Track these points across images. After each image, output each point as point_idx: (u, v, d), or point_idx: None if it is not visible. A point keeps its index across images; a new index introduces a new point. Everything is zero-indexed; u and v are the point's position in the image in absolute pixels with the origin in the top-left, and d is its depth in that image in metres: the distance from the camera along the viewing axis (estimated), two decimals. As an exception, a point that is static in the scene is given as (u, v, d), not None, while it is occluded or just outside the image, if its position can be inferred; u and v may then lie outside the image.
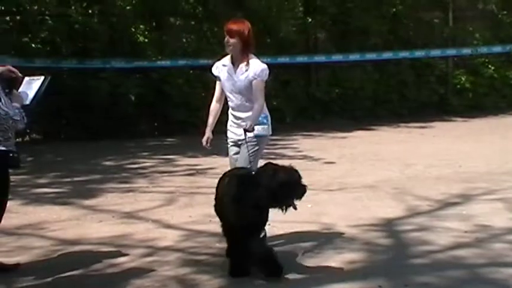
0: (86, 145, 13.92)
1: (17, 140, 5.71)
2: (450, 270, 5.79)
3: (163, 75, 16.22)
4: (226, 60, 6.24)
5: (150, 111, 16.16)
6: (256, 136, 6.12)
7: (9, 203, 5.70)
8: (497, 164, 11.00)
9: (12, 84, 5.60)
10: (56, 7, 15.76)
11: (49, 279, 5.77)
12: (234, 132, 6.42)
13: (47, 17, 15.77)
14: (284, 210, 5.51)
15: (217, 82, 6.37)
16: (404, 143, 13.82)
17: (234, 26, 6.15)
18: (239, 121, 6.27)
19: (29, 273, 5.88)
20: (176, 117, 16.07)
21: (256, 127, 6.02)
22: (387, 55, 18.37)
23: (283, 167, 5.56)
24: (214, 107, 6.49)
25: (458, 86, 19.32)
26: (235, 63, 6.18)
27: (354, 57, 17.98)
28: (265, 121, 6.20)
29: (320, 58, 18.09)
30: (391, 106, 18.55)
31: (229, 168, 6.32)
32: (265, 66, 6.17)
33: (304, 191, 5.48)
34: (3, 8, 15.01)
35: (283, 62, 17.22)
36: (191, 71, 16.87)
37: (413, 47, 18.89)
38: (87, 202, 8.82)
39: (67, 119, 15.00)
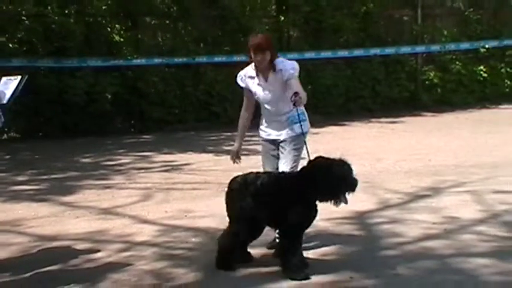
0: (63, 143, 13.86)
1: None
2: (420, 261, 5.86)
3: (139, 74, 16.17)
4: (251, 71, 6.17)
5: (126, 109, 16.11)
6: (304, 133, 6.07)
7: (-13, 201, 5.68)
8: (465, 157, 11.10)
9: None
10: (33, 7, 15.67)
11: (27, 275, 5.75)
12: (273, 130, 6.30)
13: (23, 17, 15.64)
14: (337, 204, 5.50)
15: (245, 92, 6.29)
16: (376, 138, 13.89)
17: (261, 41, 6.02)
18: (278, 118, 6.17)
19: (7, 269, 5.86)
20: (152, 115, 16.04)
21: (298, 126, 5.99)
22: (359, 52, 18.42)
23: (335, 160, 5.49)
24: (243, 115, 6.44)
25: (428, 82, 19.44)
26: (262, 73, 6.11)
27: (326, 54, 18.02)
28: (304, 118, 6.11)
29: (293, 55, 18.09)
30: (363, 102, 18.61)
31: (255, 169, 6.15)
32: (293, 62, 6.13)
33: (356, 184, 5.43)
34: (-21, 8, 14.94)
35: (257, 59, 17.20)
36: (166, 69, 16.82)
37: (383, 44, 18.98)
38: (65, 199, 8.79)
39: (45, 117, 14.91)
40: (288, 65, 6.05)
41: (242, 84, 6.27)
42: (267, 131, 6.37)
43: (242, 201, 5.61)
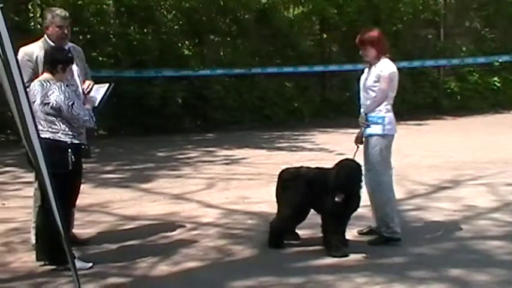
0: (142, 139, 14.00)
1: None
2: (442, 243, 5.80)
3: (204, 82, 16.23)
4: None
5: (193, 111, 16.17)
6: (369, 135, 5.76)
7: (82, 186, 5.78)
8: (481, 154, 10.88)
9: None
10: (118, 27, 15.92)
11: (114, 247, 5.85)
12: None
13: (111, 36, 15.90)
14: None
15: None
16: (403, 138, 13.53)
17: (364, 36, 5.85)
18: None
19: (97, 242, 5.97)
20: (214, 117, 16.07)
21: (371, 126, 5.73)
22: (389, 65, 18.23)
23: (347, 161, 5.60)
24: None
25: (448, 90, 19.10)
26: (370, 67, 5.87)
27: (361, 66, 17.71)
28: (380, 121, 5.74)
29: (333, 67, 17.99)
30: (393, 107, 18.34)
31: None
32: (390, 66, 5.74)
33: (351, 189, 5.46)
34: (77, 28, 15.17)
35: (303, 71, 17.14)
36: (227, 79, 16.88)
37: (411, 58, 18.67)
38: (144, 185, 8.88)
39: (127, 118, 15.07)
40: (384, 66, 5.72)
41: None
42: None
43: (294, 190, 5.61)
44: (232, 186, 8.74)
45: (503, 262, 5.25)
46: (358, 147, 5.90)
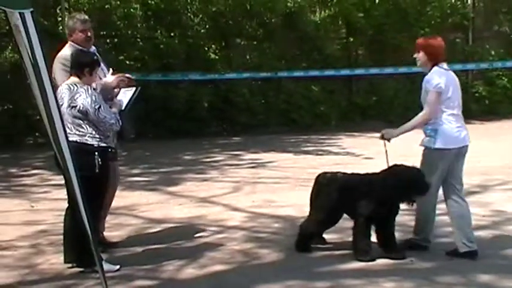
0: (168, 143, 14.05)
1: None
2: (472, 248, 5.70)
3: (230, 86, 16.25)
4: None
5: (219, 115, 16.20)
6: (425, 148, 5.51)
7: (109, 189, 5.80)
8: (510, 159, 10.70)
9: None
10: (145, 31, 16.05)
11: (140, 250, 5.87)
12: None
13: (138, 39, 16.02)
14: (410, 205, 5.48)
15: None
16: (431, 142, 13.55)
17: (419, 41, 5.70)
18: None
19: (125, 245, 6.00)
20: (240, 120, 16.08)
21: (426, 138, 5.47)
22: (417, 69, 17.96)
23: (408, 167, 5.45)
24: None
25: (477, 95, 18.87)
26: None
27: (388, 70, 17.68)
28: (432, 134, 5.41)
29: (360, 71, 17.89)
30: (420, 111, 18.17)
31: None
32: (435, 76, 5.42)
33: (428, 188, 5.29)
34: (105, 32, 15.32)
35: (329, 74, 17.08)
36: (253, 82, 16.88)
37: (438, 61, 18.52)
38: (170, 189, 8.91)
39: (153, 121, 15.14)
40: (428, 77, 5.47)
41: None
42: None
43: (329, 194, 5.57)
44: (258, 189, 8.72)
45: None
46: (385, 145, 5.79)
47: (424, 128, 5.54)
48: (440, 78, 5.41)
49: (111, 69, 5.96)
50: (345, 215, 5.69)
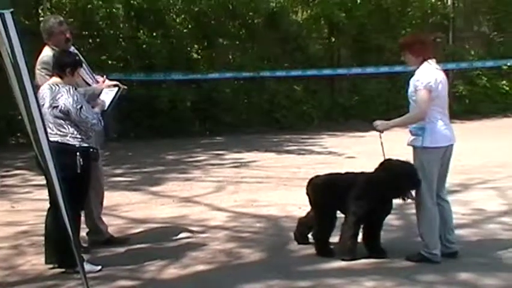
0: (151, 142, 14.00)
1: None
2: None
3: (213, 85, 16.22)
4: None
5: (202, 114, 16.16)
6: (413, 147, 5.42)
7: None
8: (490, 158, 10.81)
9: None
10: (128, 31, 16.00)
11: (122, 250, 5.86)
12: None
13: (120, 39, 15.96)
14: (405, 199, 5.41)
15: None
16: (412, 141, 13.63)
17: (402, 41, 5.67)
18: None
19: (106, 246, 5.96)
20: (223, 120, 16.06)
21: (411, 138, 5.40)
22: (398, 68, 18.08)
23: (401, 162, 5.43)
24: None
25: (457, 94, 18.99)
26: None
27: (370, 70, 17.78)
28: (419, 132, 5.31)
29: (342, 71, 17.97)
30: (402, 111, 18.09)
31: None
32: (425, 74, 5.31)
33: (420, 182, 5.22)
34: (87, 32, 15.25)
35: (312, 74, 17.11)
36: (236, 82, 16.89)
37: (419, 61, 18.63)
38: (153, 189, 8.89)
39: (136, 121, 15.09)
40: (418, 75, 5.36)
41: None
42: None
43: (325, 198, 5.59)
44: (241, 189, 8.72)
45: (512, 266, 5.20)
46: (380, 136, 5.74)
47: (409, 127, 5.46)
48: (431, 76, 5.33)
49: (105, 76, 5.95)
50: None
